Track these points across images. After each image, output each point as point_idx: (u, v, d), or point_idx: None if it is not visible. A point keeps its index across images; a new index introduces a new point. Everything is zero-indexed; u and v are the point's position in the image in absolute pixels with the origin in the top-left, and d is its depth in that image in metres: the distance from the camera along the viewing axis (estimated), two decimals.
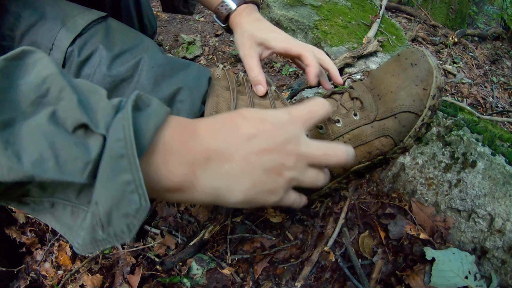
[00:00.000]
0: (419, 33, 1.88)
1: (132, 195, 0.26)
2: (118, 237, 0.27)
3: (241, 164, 0.34)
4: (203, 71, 0.53)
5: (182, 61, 0.54)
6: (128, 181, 0.26)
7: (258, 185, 0.35)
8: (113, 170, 0.26)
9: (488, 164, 0.57)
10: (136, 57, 0.49)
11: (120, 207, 0.26)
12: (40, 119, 0.26)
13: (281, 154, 0.35)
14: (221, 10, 0.64)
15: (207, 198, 0.34)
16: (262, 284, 0.62)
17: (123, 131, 0.26)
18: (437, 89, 0.55)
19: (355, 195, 0.68)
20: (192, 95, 0.50)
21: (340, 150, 0.39)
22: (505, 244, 0.53)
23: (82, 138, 0.27)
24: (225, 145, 0.33)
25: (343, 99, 0.59)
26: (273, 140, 0.35)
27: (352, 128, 0.56)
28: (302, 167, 0.38)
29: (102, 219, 0.26)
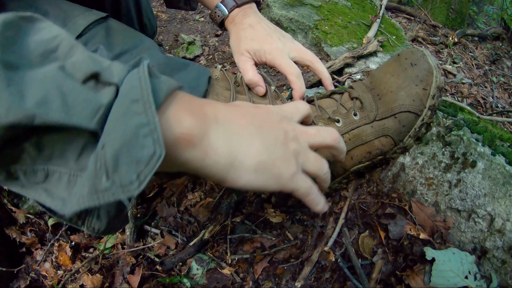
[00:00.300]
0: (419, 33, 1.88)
1: (146, 138, 0.23)
2: (125, 188, 0.23)
3: (247, 129, 0.35)
4: (202, 71, 0.53)
5: (182, 61, 0.54)
6: (142, 124, 0.23)
7: (269, 148, 0.35)
8: (125, 113, 0.24)
9: (488, 164, 0.57)
10: (136, 57, 0.49)
11: (131, 150, 0.23)
12: (49, 68, 0.24)
13: (280, 127, 0.37)
14: (215, 17, 0.64)
15: (222, 159, 0.31)
16: (262, 284, 0.62)
17: (139, 80, 0.25)
18: (437, 89, 0.55)
19: (355, 195, 0.68)
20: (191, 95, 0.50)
21: (329, 129, 0.43)
22: (505, 244, 0.53)
23: (93, 88, 0.25)
24: (230, 112, 0.35)
25: (343, 99, 0.59)
26: (270, 117, 0.38)
27: (352, 128, 0.56)
28: (304, 144, 0.39)
29: (108, 163, 0.23)
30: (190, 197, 0.81)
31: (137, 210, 0.78)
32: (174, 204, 0.80)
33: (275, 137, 0.36)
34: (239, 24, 0.61)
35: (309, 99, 0.61)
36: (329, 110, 0.58)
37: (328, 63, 1.16)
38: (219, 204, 0.79)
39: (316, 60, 0.61)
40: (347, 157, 0.58)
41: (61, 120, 0.23)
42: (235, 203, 0.76)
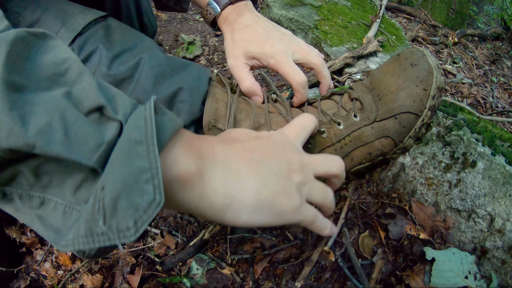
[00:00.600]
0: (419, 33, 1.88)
1: (147, 184, 0.23)
2: (121, 234, 0.22)
3: (247, 167, 0.33)
4: (203, 71, 0.53)
5: (182, 61, 0.53)
6: (144, 168, 0.23)
7: (269, 184, 0.33)
8: (128, 154, 0.23)
9: (488, 164, 0.57)
10: (136, 57, 0.49)
11: (131, 195, 0.22)
12: (54, 94, 0.24)
13: (283, 158, 0.36)
14: (206, 15, 0.59)
15: (219, 200, 0.31)
16: (262, 284, 0.62)
17: (144, 120, 0.25)
18: (437, 89, 0.55)
19: (355, 195, 0.68)
20: (192, 95, 0.49)
21: (335, 157, 0.41)
22: (505, 244, 0.53)
23: (96, 121, 0.25)
24: (228, 150, 0.34)
25: (343, 100, 0.59)
26: (272, 147, 0.36)
27: (352, 130, 0.56)
28: (309, 174, 0.37)
29: (107, 206, 0.22)
30: None
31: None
32: None
33: (277, 171, 0.34)
34: (234, 23, 0.56)
35: (311, 101, 0.61)
36: (330, 112, 0.58)
37: (328, 63, 1.16)
38: None
39: (321, 64, 0.58)
40: (348, 158, 0.58)
41: (61, 153, 0.22)
42: None
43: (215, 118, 0.49)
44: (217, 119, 0.50)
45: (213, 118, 0.49)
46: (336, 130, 0.56)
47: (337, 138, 0.56)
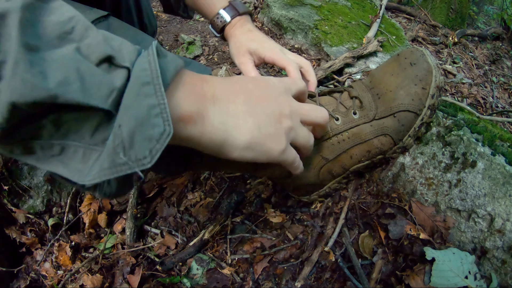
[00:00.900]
0: (419, 33, 1.88)
1: (157, 118, 0.27)
2: (139, 162, 0.26)
3: (244, 107, 0.37)
4: (203, 70, 0.53)
5: (183, 59, 0.54)
6: (153, 105, 0.27)
7: (262, 126, 0.38)
8: (138, 95, 0.26)
9: (488, 164, 0.57)
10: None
11: (144, 129, 0.26)
12: (67, 50, 0.26)
13: (277, 103, 0.40)
14: (216, 22, 0.68)
15: (217, 136, 0.35)
16: (262, 284, 0.62)
17: (149, 64, 0.28)
18: (437, 89, 0.55)
19: (355, 195, 0.68)
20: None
21: (322, 109, 0.46)
22: (505, 244, 0.53)
23: (106, 70, 0.28)
24: (228, 91, 0.37)
25: (343, 98, 0.59)
26: (267, 91, 0.40)
27: (351, 126, 0.56)
28: (297, 120, 0.42)
29: (125, 141, 0.26)
30: (190, 197, 0.81)
31: (137, 210, 0.78)
32: (174, 204, 0.80)
33: (270, 114, 0.39)
34: (239, 28, 0.66)
35: (310, 94, 0.61)
36: (329, 107, 0.58)
37: (328, 63, 1.16)
38: (219, 204, 0.79)
39: (310, 64, 0.66)
40: (347, 156, 0.58)
41: (80, 100, 0.25)
42: (235, 203, 0.76)
43: None
44: None
45: None
46: (333, 125, 0.57)
47: (334, 132, 0.56)
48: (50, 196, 0.77)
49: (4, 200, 0.72)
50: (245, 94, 0.38)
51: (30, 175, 0.75)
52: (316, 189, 0.65)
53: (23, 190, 0.74)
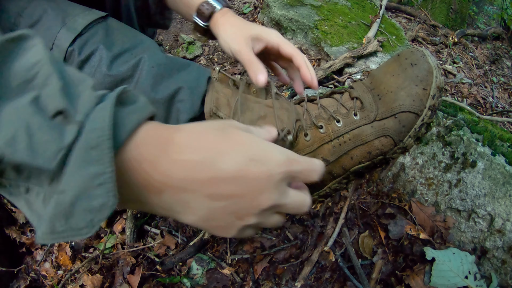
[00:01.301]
0: (419, 33, 1.88)
1: (99, 189, 0.25)
2: (77, 232, 0.25)
3: (201, 200, 0.31)
4: (202, 71, 0.53)
5: (182, 61, 0.54)
6: (97, 174, 0.25)
7: (212, 221, 0.32)
8: (83, 160, 0.25)
9: (488, 164, 0.57)
10: (137, 57, 0.49)
11: (85, 199, 0.25)
12: (22, 101, 0.25)
13: (251, 203, 0.32)
14: (202, 10, 0.62)
15: (163, 212, 0.32)
16: (262, 284, 0.62)
17: (101, 122, 0.26)
18: (437, 89, 0.55)
19: (355, 195, 0.68)
20: (192, 95, 0.50)
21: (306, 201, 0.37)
22: (505, 244, 0.53)
23: (60, 124, 0.26)
24: (190, 178, 0.30)
25: (343, 99, 0.59)
26: (251, 188, 0.31)
27: (352, 128, 0.56)
28: (268, 214, 0.35)
29: (66, 209, 0.25)
30: None
31: (137, 210, 0.78)
32: None
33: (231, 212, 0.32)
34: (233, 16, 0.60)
35: (311, 98, 0.62)
36: (330, 109, 0.58)
37: (328, 63, 1.16)
38: None
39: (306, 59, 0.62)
40: (347, 157, 0.58)
41: (25, 160, 0.24)
42: None
43: (216, 106, 0.50)
44: (218, 107, 0.50)
45: (214, 106, 0.50)
46: (334, 127, 0.57)
47: (336, 135, 0.56)
48: None
49: (4, 200, 0.72)
50: (214, 186, 0.30)
51: None
52: (316, 189, 0.65)
53: None
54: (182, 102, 0.49)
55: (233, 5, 1.84)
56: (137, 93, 0.31)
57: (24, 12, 0.46)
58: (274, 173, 0.32)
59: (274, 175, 0.32)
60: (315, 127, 0.57)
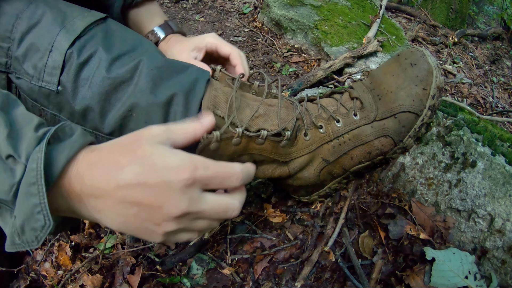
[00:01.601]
0: (419, 33, 1.88)
1: (39, 215, 0.33)
2: (29, 244, 0.35)
3: (113, 206, 0.35)
4: (201, 74, 0.53)
5: (181, 63, 0.53)
6: (36, 204, 0.32)
7: (131, 226, 0.37)
8: (26, 193, 0.32)
9: (488, 164, 0.57)
10: (136, 59, 0.49)
11: (30, 223, 0.33)
12: None
13: (160, 210, 0.34)
14: (150, 38, 0.70)
15: (90, 218, 0.39)
16: (262, 284, 0.62)
17: (36, 163, 0.32)
18: (437, 89, 0.55)
19: (355, 195, 0.68)
20: (187, 99, 0.49)
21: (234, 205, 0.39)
22: (505, 244, 0.53)
23: (11, 164, 0.34)
24: (97, 186, 0.35)
25: (343, 99, 0.59)
26: (154, 195, 0.34)
27: (352, 128, 0.56)
28: (188, 220, 0.37)
29: (18, 230, 0.34)
30: None
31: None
32: None
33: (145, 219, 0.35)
34: (175, 41, 0.68)
35: (311, 98, 0.61)
36: (330, 109, 0.58)
37: (328, 63, 1.16)
38: None
39: (244, 56, 0.68)
40: (347, 157, 0.58)
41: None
42: None
43: (213, 104, 0.50)
44: (216, 105, 0.50)
45: (212, 104, 0.50)
46: (334, 127, 0.56)
47: (335, 135, 0.56)
48: None
49: None
50: (120, 191, 0.34)
51: None
52: (316, 189, 0.65)
53: None
54: (179, 106, 0.49)
55: (233, 5, 1.84)
56: (75, 126, 0.38)
57: (23, 14, 0.46)
58: (173, 180, 0.34)
59: (173, 182, 0.34)
60: (315, 127, 0.57)
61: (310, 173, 0.59)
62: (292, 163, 0.58)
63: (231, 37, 1.53)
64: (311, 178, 0.60)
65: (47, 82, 0.46)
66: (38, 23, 0.46)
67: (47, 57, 0.45)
